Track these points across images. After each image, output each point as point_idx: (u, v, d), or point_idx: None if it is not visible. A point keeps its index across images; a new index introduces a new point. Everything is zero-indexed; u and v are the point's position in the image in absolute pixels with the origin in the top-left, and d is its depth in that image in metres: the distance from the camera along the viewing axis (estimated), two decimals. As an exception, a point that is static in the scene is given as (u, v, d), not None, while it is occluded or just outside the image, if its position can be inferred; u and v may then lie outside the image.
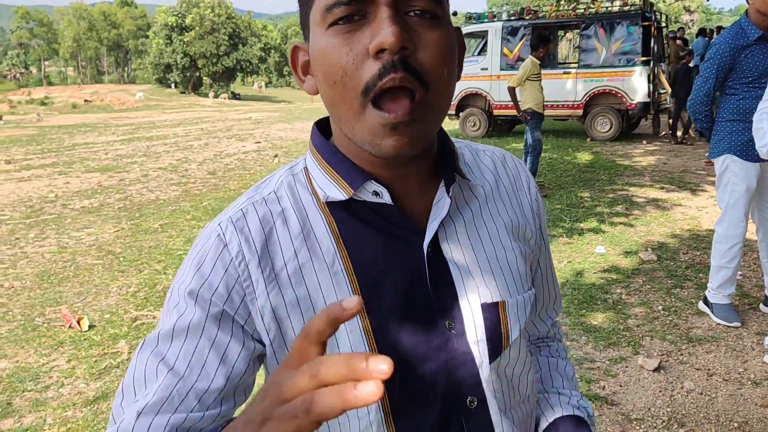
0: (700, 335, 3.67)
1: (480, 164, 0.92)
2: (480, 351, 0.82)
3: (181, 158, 12.34)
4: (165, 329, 0.77)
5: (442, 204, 0.81)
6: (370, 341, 0.77)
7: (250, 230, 0.79)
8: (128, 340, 4.04)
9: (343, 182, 0.79)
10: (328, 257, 0.79)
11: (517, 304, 0.86)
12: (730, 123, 3.58)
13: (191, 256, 0.80)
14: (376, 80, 0.68)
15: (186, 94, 46.20)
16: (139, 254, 5.94)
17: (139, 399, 0.75)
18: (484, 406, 0.83)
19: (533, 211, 0.94)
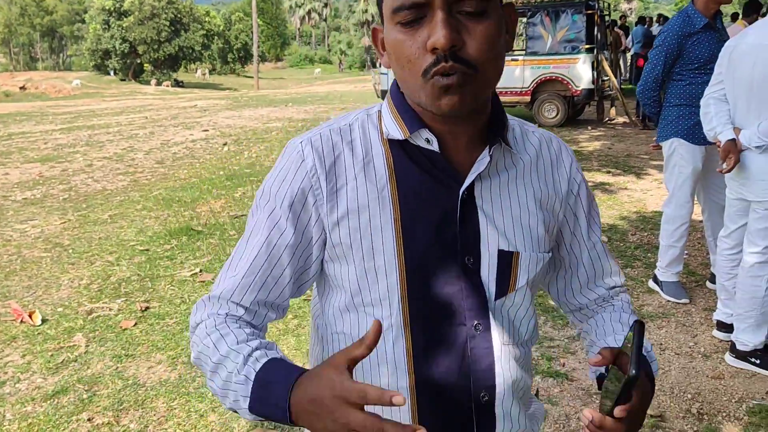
0: (651, 312, 3.83)
1: (526, 140, 1.07)
2: (490, 287, 0.99)
3: (127, 147, 12.01)
4: (256, 222, 1.00)
5: (483, 161, 0.97)
6: (400, 256, 0.96)
7: (323, 151, 0.98)
8: (85, 333, 3.95)
9: (403, 125, 0.97)
10: (380, 183, 0.97)
11: (529, 258, 1.01)
12: (678, 108, 3.73)
13: (278, 166, 1.01)
14: (431, 67, 0.87)
15: (126, 82, 44.79)
16: (89, 246, 5.79)
17: (234, 275, 0.98)
18: (487, 333, 0.99)
19: (569, 189, 1.09)
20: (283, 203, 0.97)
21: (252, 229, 1.00)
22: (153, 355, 3.64)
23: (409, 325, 0.97)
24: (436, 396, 0.99)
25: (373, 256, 0.96)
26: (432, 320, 0.97)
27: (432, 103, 0.89)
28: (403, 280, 0.96)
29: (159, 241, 5.77)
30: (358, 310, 0.99)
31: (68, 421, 3.02)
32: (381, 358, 0.98)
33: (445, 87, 0.86)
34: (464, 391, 0.99)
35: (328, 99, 22.87)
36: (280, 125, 14.42)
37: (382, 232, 0.96)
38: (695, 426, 2.78)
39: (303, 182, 0.97)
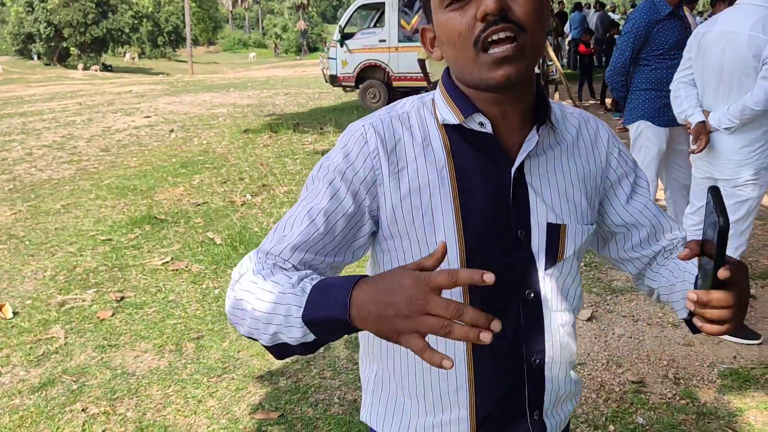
0: (621, 286, 4.04)
1: (566, 121, 1.14)
2: (540, 258, 1.07)
3: (66, 135, 11.57)
4: (315, 190, 1.03)
5: (532, 140, 1.04)
6: (459, 231, 1.02)
7: (385, 134, 1.04)
8: (61, 324, 3.86)
9: (457, 110, 1.03)
10: (439, 164, 1.03)
11: (575, 230, 1.09)
12: (644, 92, 3.92)
13: (340, 145, 1.05)
14: (481, 33, 0.92)
15: (52, 67, 42.82)
16: (46, 237, 5.61)
17: (286, 235, 1.01)
18: (537, 300, 1.08)
19: (608, 162, 1.15)
20: (344, 176, 1.01)
21: (307, 196, 1.03)
22: (138, 344, 3.60)
23: (468, 294, 1.04)
24: (492, 359, 1.07)
25: (434, 231, 1.02)
26: (489, 292, 1.01)
27: (487, 75, 0.94)
28: (463, 254, 1.02)
29: (121, 231, 5.64)
30: None
31: (62, 412, 2.97)
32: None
33: (500, 59, 0.92)
34: (518, 355, 1.08)
35: (269, 84, 22.56)
36: (225, 111, 14.17)
37: (442, 209, 1.02)
38: (674, 390, 2.98)
39: (365, 162, 1.02)
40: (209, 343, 3.56)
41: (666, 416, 2.78)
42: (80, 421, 2.90)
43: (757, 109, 2.94)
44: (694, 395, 2.92)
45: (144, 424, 2.86)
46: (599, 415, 2.81)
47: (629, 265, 1.26)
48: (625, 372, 3.12)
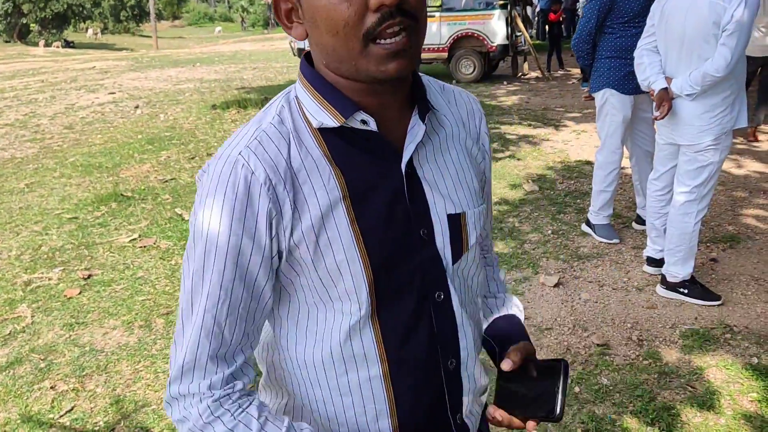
0: (587, 253, 4.11)
1: (444, 97, 1.06)
2: (446, 254, 0.99)
3: (28, 113, 11.29)
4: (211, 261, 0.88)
5: (417, 129, 0.94)
6: (360, 245, 0.91)
7: (270, 156, 0.88)
8: (28, 303, 3.81)
9: (335, 111, 0.89)
10: (324, 176, 0.90)
11: (474, 215, 1.03)
12: (609, 60, 3.95)
13: (217, 189, 0.87)
14: (376, 27, 0.81)
15: (12, 44, 41.55)
16: (10, 216, 5.50)
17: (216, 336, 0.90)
18: (448, 299, 1.00)
19: (481, 140, 1.10)
20: (242, 230, 0.87)
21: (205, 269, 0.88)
22: (106, 321, 3.57)
23: (377, 311, 0.94)
24: (410, 375, 0.98)
25: (332, 252, 0.90)
26: (398, 301, 0.95)
27: (377, 69, 0.84)
28: (368, 269, 0.92)
29: (87, 209, 5.55)
30: (327, 307, 0.95)
31: (30, 390, 2.95)
32: (348, 351, 0.95)
33: (394, 52, 0.83)
34: (434, 363, 1.00)
35: (237, 58, 22.21)
36: (192, 86, 13.93)
37: (337, 226, 0.90)
38: (637, 351, 3.05)
39: (259, 200, 0.87)
40: (179, 318, 3.55)
41: (629, 376, 2.86)
42: (49, 398, 2.88)
43: (717, 75, 2.98)
44: (657, 356, 3.00)
45: (114, 400, 2.85)
46: (565, 378, 2.87)
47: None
48: (591, 335, 3.19)
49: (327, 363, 0.96)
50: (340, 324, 0.94)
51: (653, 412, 2.62)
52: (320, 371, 0.97)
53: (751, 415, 2.59)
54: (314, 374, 0.98)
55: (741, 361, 2.93)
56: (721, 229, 4.40)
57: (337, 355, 0.95)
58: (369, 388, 0.97)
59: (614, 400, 2.71)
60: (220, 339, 0.90)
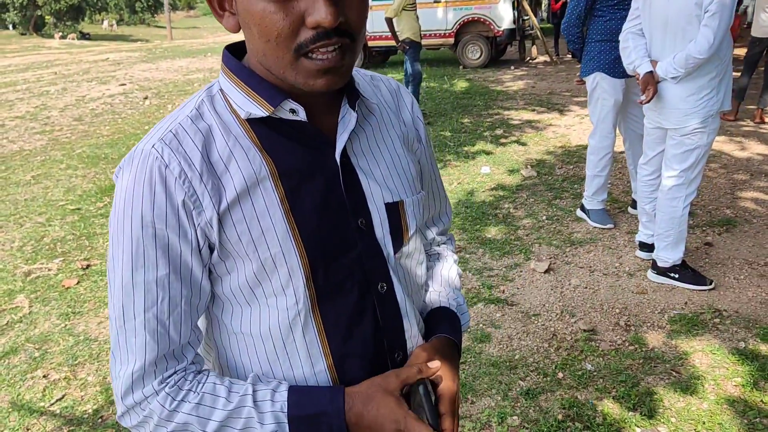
0: (580, 238, 4.09)
1: (372, 86, 1.05)
2: (386, 244, 0.97)
3: (39, 105, 11.43)
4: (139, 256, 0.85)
5: (348, 118, 0.93)
6: (295, 236, 0.89)
7: (185, 149, 0.85)
8: (26, 294, 3.88)
9: (263, 101, 0.87)
10: (255, 166, 0.88)
11: (413, 203, 1.01)
12: (599, 43, 3.91)
13: (135, 181, 0.85)
14: (309, 43, 0.79)
15: (28, 36, 41.98)
16: (15, 208, 5.59)
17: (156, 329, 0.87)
18: (391, 290, 0.98)
19: (414, 125, 1.08)
20: (164, 223, 0.85)
21: (135, 269, 0.85)
22: (102, 310, 3.63)
23: (317, 306, 0.92)
24: (355, 369, 0.96)
25: (266, 243, 0.88)
26: (339, 294, 0.93)
27: (305, 82, 0.82)
28: (304, 261, 0.89)
29: (91, 200, 5.63)
30: (260, 303, 0.92)
31: (23, 379, 3.01)
32: (291, 348, 0.93)
33: (325, 69, 0.81)
34: (380, 356, 0.98)
35: (248, 48, 22.24)
36: (201, 76, 14.01)
37: (271, 216, 0.88)
38: (623, 336, 3.05)
39: (175, 192, 0.84)
40: (172, 307, 3.60)
41: (614, 362, 2.85)
42: (41, 387, 2.94)
43: (701, 57, 2.95)
44: (643, 341, 2.99)
45: (104, 387, 2.91)
46: (549, 363, 2.88)
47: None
48: (578, 321, 3.19)
49: (272, 361, 0.94)
50: (278, 321, 0.91)
51: (635, 398, 2.61)
52: (265, 368, 0.94)
53: (735, 400, 2.58)
54: (258, 371, 0.95)
55: (728, 346, 2.91)
56: (718, 212, 4.36)
57: (280, 353, 0.93)
58: (315, 381, 0.94)
59: (597, 385, 2.72)
60: (166, 339, 0.86)
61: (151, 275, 0.85)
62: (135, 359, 0.86)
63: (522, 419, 2.55)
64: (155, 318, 0.85)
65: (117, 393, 0.88)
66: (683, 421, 2.49)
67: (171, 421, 0.86)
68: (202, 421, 0.86)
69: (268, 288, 0.90)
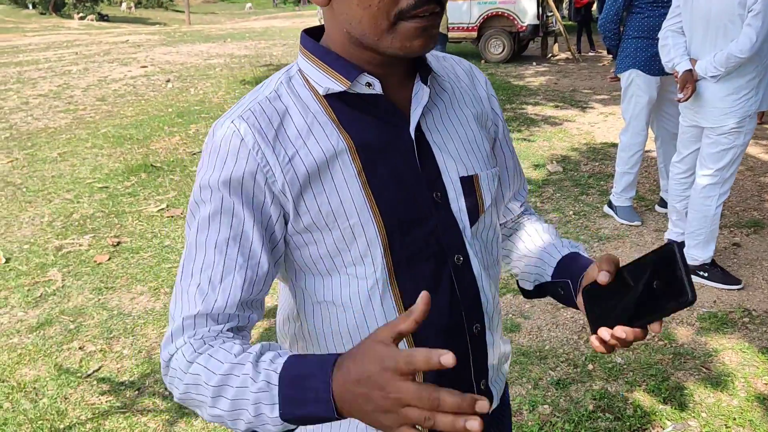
0: (608, 234, 4.11)
1: (442, 65, 1.07)
2: (462, 217, 0.99)
3: (62, 84, 11.51)
4: (206, 220, 0.89)
5: (421, 94, 0.95)
6: (373, 208, 0.92)
7: (260, 125, 0.90)
8: (59, 268, 3.95)
9: (340, 76, 0.91)
10: (333, 140, 0.91)
11: (487, 177, 1.03)
12: (636, 40, 3.92)
13: (212, 153, 0.90)
14: (411, 9, 0.83)
15: (47, 16, 42.15)
16: (43, 184, 5.66)
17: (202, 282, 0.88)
18: (467, 262, 0.99)
19: (489, 102, 1.10)
20: (231, 192, 0.89)
21: (201, 230, 0.90)
22: (134, 286, 3.69)
23: (395, 275, 0.95)
24: (433, 339, 0.97)
25: (345, 214, 0.91)
26: (416, 265, 0.96)
27: (402, 45, 0.86)
28: (382, 231, 0.92)
29: (118, 178, 5.69)
30: (340, 273, 0.95)
31: (59, 350, 3.07)
32: (370, 317, 0.95)
33: (423, 28, 0.85)
34: (458, 327, 0.99)
35: (267, 35, 22.27)
36: (222, 61, 14.05)
37: (349, 188, 0.91)
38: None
39: (248, 164, 0.88)
40: (203, 286, 3.65)
41: (643, 356, 2.88)
42: (77, 357, 3.00)
43: (742, 56, 2.95)
44: (673, 337, 3.02)
45: (140, 361, 2.96)
46: (579, 355, 2.91)
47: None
48: (607, 315, 3.21)
49: (352, 331, 0.96)
50: (357, 289, 0.94)
51: (666, 391, 2.64)
52: (345, 339, 0.96)
53: (765, 398, 2.60)
54: (340, 342, 0.97)
55: (758, 345, 2.93)
56: (746, 214, 4.36)
57: (360, 322, 0.95)
58: None
59: (627, 378, 2.74)
60: (212, 300, 0.87)
61: (213, 238, 0.88)
62: (179, 314, 0.88)
63: (553, 408, 2.59)
64: (208, 279, 0.87)
65: (163, 344, 0.89)
66: (714, 417, 2.51)
67: (186, 372, 0.83)
68: (209, 374, 0.81)
69: (347, 257, 0.93)
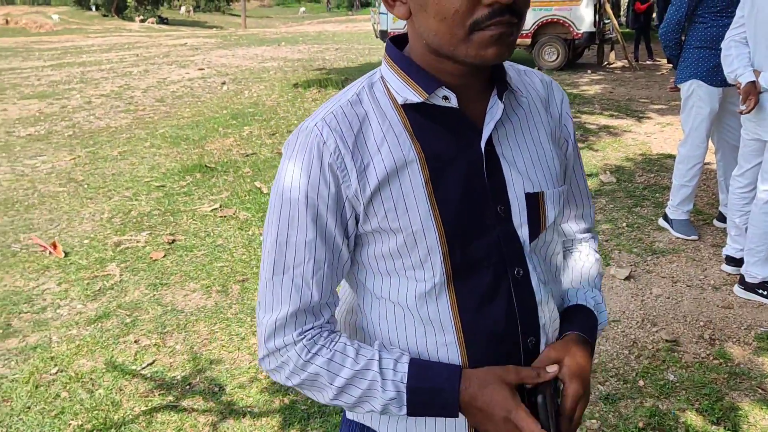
0: (662, 248, 4.02)
1: (523, 80, 1.08)
2: (523, 231, 1.00)
3: (123, 85, 11.89)
4: (291, 218, 0.96)
5: (495, 108, 0.97)
6: (436, 216, 0.95)
7: (342, 129, 0.94)
8: (117, 263, 4.08)
9: (419, 87, 0.94)
10: (405, 149, 0.95)
11: (553, 195, 1.04)
12: (698, 50, 3.82)
13: (296, 154, 0.96)
14: (485, 20, 0.86)
15: (109, 18, 43.59)
16: (103, 181, 5.86)
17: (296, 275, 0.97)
18: (527, 276, 1.01)
19: (563, 121, 1.11)
20: (314, 193, 0.94)
21: (290, 230, 0.96)
22: (187, 284, 3.78)
23: (453, 281, 0.98)
24: (486, 348, 1.00)
25: (409, 221, 0.95)
26: (474, 274, 0.98)
27: (476, 53, 0.88)
28: (443, 239, 0.96)
29: (174, 177, 5.84)
30: (399, 275, 0.99)
31: (116, 343, 3.17)
32: (425, 317, 0.99)
33: (497, 36, 0.86)
34: (512, 339, 1.01)
35: (320, 39, 22.54)
36: (276, 65, 14.28)
37: (415, 196, 0.95)
38: (708, 350, 2.99)
39: (330, 165, 0.94)
40: (253, 285, 3.72)
41: (697, 374, 2.80)
42: (132, 351, 3.10)
43: (811, 69, 2.86)
44: (728, 356, 2.93)
45: (191, 357, 3.03)
46: (630, 371, 2.85)
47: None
48: (660, 331, 3.14)
49: (408, 328, 1.00)
50: (415, 291, 0.98)
51: (719, 411, 2.57)
52: (401, 335, 1.01)
53: (825, 423, 2.50)
54: (396, 337, 1.01)
55: (819, 368, 2.83)
56: (809, 231, 4.20)
57: (416, 320, 0.99)
58: (445, 352, 0.99)
59: (679, 396, 2.68)
60: (309, 295, 0.97)
61: (302, 237, 0.95)
62: (279, 309, 0.97)
63: (601, 423, 2.54)
64: (301, 275, 0.96)
65: (260, 338, 1.00)
66: (770, 440, 2.43)
67: (304, 370, 0.97)
68: (331, 376, 0.96)
69: (407, 261, 0.98)
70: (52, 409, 2.68)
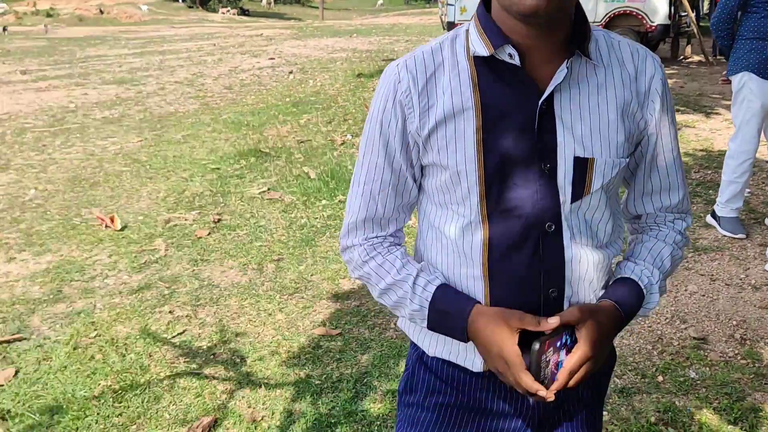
0: (706, 245, 3.88)
1: (612, 50, 1.09)
2: (564, 191, 1.07)
3: (196, 73, 12.34)
4: (370, 142, 1.15)
5: (561, 73, 1.03)
6: (479, 161, 1.06)
7: (416, 72, 1.09)
8: (164, 239, 4.28)
9: (488, 41, 1.04)
10: (465, 96, 1.06)
11: (605, 163, 1.07)
12: (750, 41, 3.66)
13: (379, 89, 1.13)
14: None
15: (194, 9, 45.13)
16: (164, 163, 6.13)
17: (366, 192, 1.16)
18: (558, 233, 1.08)
19: (649, 96, 1.10)
20: (385, 123, 1.11)
21: (366, 152, 1.15)
22: (225, 261, 3.94)
23: (486, 222, 1.08)
24: (507, 288, 1.10)
25: (456, 161, 1.06)
26: (507, 219, 1.07)
27: (510, 2, 0.96)
28: (482, 183, 1.06)
29: (229, 161, 6.06)
30: (447, 207, 1.12)
31: (152, 312, 3.35)
32: (458, 248, 1.11)
33: None
34: (534, 285, 1.09)
35: (393, 31, 22.59)
36: (344, 55, 14.45)
37: (465, 140, 1.05)
38: (737, 349, 2.88)
39: (400, 101, 1.08)
40: (288, 265, 3.84)
41: (721, 373, 2.72)
42: (166, 320, 3.27)
43: None
44: (758, 356, 2.82)
45: (219, 328, 3.17)
46: (650, 366, 2.79)
47: (625, 213, 1.26)
48: (689, 328, 3.05)
49: (449, 255, 1.14)
50: (455, 223, 1.11)
51: (738, 411, 2.48)
52: (442, 260, 1.15)
53: None
54: (438, 262, 1.17)
55: None
56: None
57: (455, 249, 1.12)
58: (473, 284, 1.12)
59: (698, 394, 2.60)
60: (374, 208, 1.16)
61: (374, 159, 1.14)
62: (352, 214, 1.18)
63: (612, 415, 2.51)
64: (369, 192, 1.16)
65: (341, 234, 1.22)
66: (788, 444, 2.34)
67: (362, 268, 1.18)
68: (378, 278, 1.16)
69: (452, 197, 1.11)
70: (85, 369, 2.87)
